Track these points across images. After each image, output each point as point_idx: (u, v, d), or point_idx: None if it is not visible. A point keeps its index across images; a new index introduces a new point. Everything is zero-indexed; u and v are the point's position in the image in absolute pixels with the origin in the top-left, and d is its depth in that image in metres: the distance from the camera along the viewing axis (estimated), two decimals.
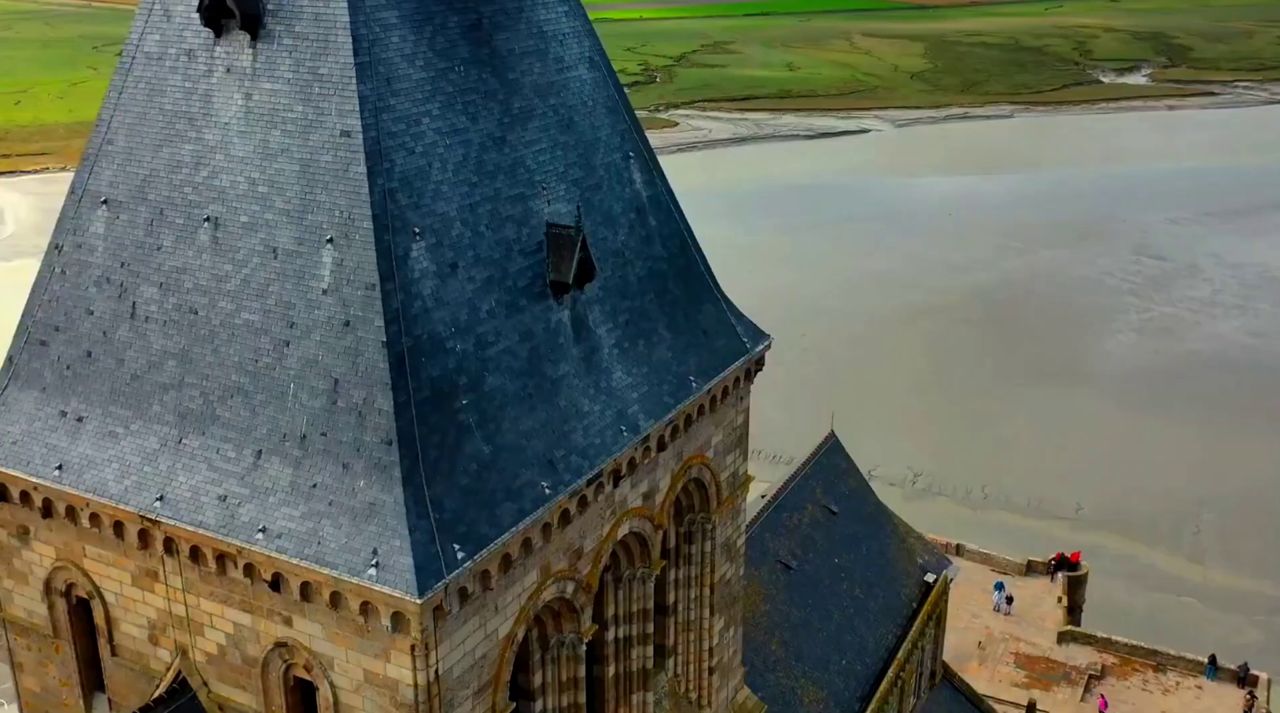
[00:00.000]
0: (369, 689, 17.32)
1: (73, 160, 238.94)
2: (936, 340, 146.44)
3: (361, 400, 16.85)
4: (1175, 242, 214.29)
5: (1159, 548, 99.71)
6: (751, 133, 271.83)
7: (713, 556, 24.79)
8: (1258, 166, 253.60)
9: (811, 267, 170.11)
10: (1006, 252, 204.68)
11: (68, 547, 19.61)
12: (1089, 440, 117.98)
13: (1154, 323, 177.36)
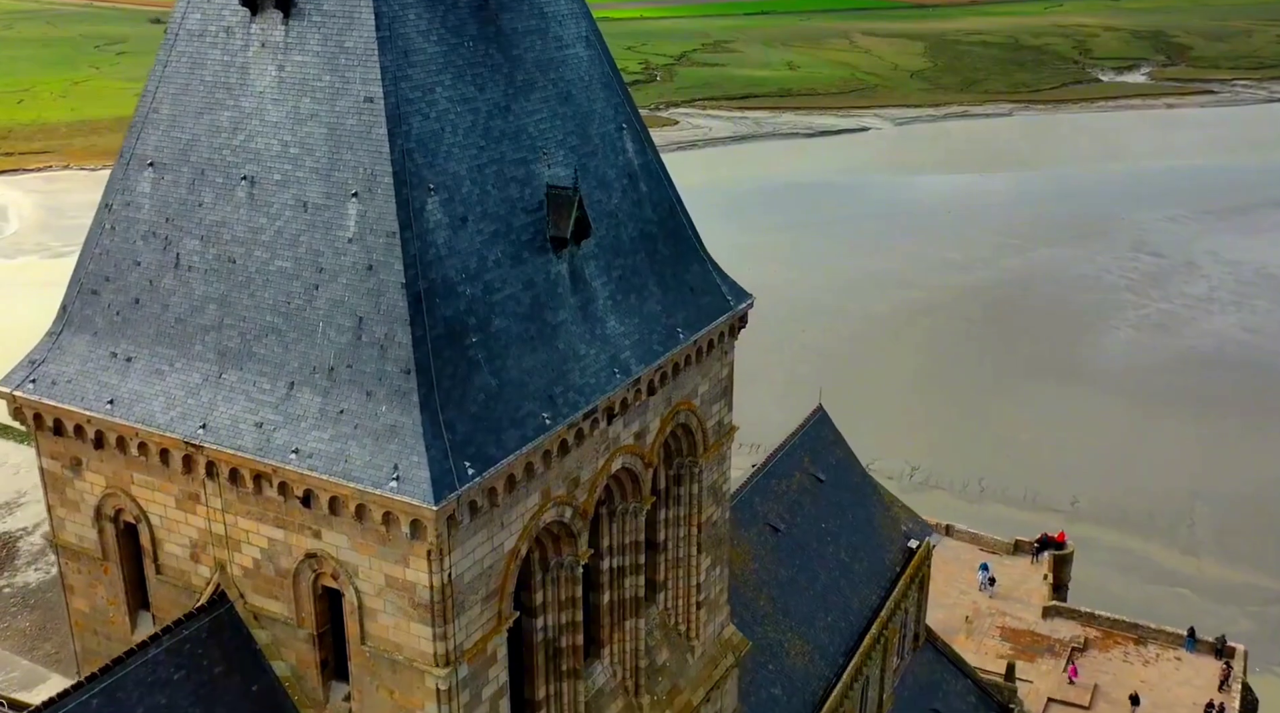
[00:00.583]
0: (390, 593, 19.67)
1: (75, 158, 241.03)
2: (934, 338, 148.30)
3: (383, 335, 19.21)
4: (1173, 239, 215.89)
5: (1154, 541, 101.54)
6: (751, 131, 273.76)
7: (700, 497, 27.14)
8: (1256, 165, 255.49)
9: (810, 264, 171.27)
10: (1005, 249, 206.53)
11: (117, 475, 21.96)
12: (1085, 435, 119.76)
13: (1151, 319, 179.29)
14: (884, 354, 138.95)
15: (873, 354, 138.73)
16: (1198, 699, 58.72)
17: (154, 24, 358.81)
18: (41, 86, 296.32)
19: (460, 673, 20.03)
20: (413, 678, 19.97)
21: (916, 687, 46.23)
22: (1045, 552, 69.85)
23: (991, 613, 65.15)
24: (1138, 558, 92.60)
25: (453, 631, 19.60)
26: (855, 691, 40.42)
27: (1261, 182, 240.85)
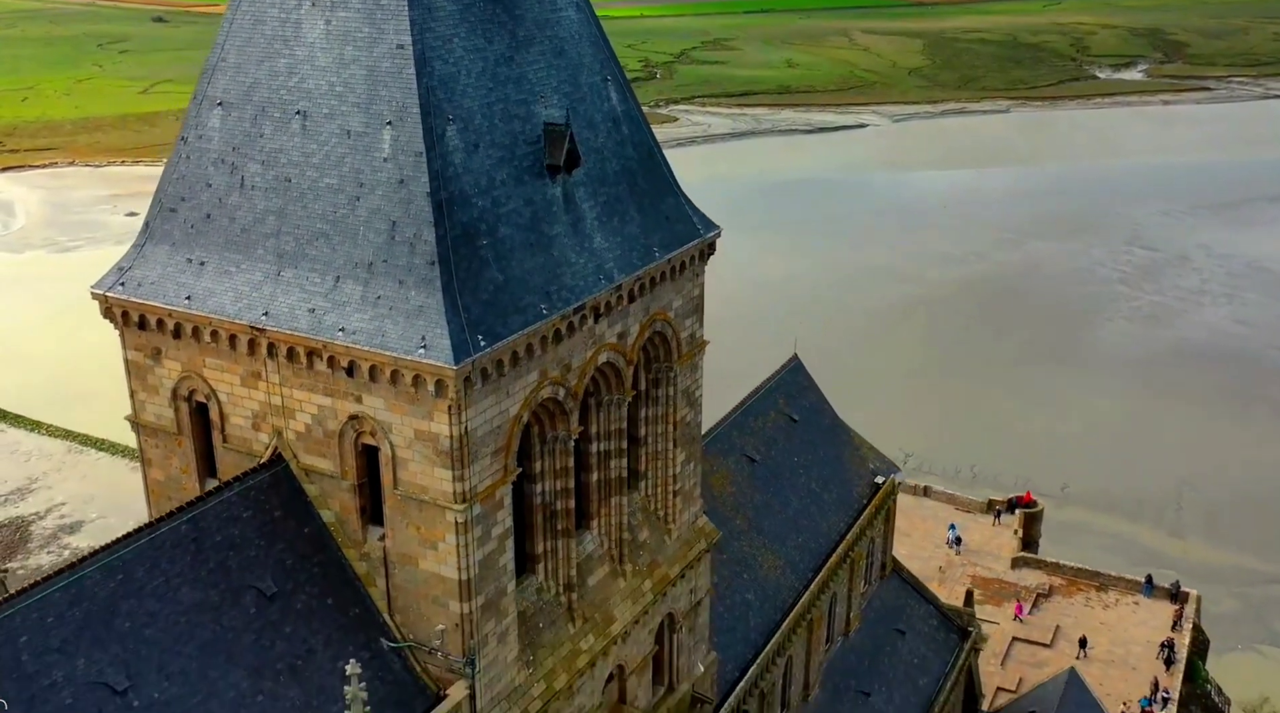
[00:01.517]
0: (417, 444, 24.81)
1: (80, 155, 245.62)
2: (930, 329, 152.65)
3: (412, 235, 24.35)
4: (1166, 233, 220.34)
5: (1141, 524, 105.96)
6: (750, 128, 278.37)
7: (675, 399, 32.28)
8: (1249, 161, 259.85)
9: (808, 259, 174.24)
10: (1000, 243, 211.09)
11: (191, 361, 27.12)
12: (1076, 424, 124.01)
13: (1143, 311, 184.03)
14: (880, 346, 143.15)
15: (869, 346, 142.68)
16: (1152, 638, 63.81)
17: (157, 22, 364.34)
18: (45, 84, 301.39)
19: (474, 511, 25.17)
20: (435, 515, 25.10)
21: (883, 610, 51.33)
22: (1015, 510, 74.88)
23: (964, 564, 70.27)
24: (1125, 541, 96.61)
25: (468, 474, 24.72)
26: (822, 602, 45.51)
27: (1255, 177, 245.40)
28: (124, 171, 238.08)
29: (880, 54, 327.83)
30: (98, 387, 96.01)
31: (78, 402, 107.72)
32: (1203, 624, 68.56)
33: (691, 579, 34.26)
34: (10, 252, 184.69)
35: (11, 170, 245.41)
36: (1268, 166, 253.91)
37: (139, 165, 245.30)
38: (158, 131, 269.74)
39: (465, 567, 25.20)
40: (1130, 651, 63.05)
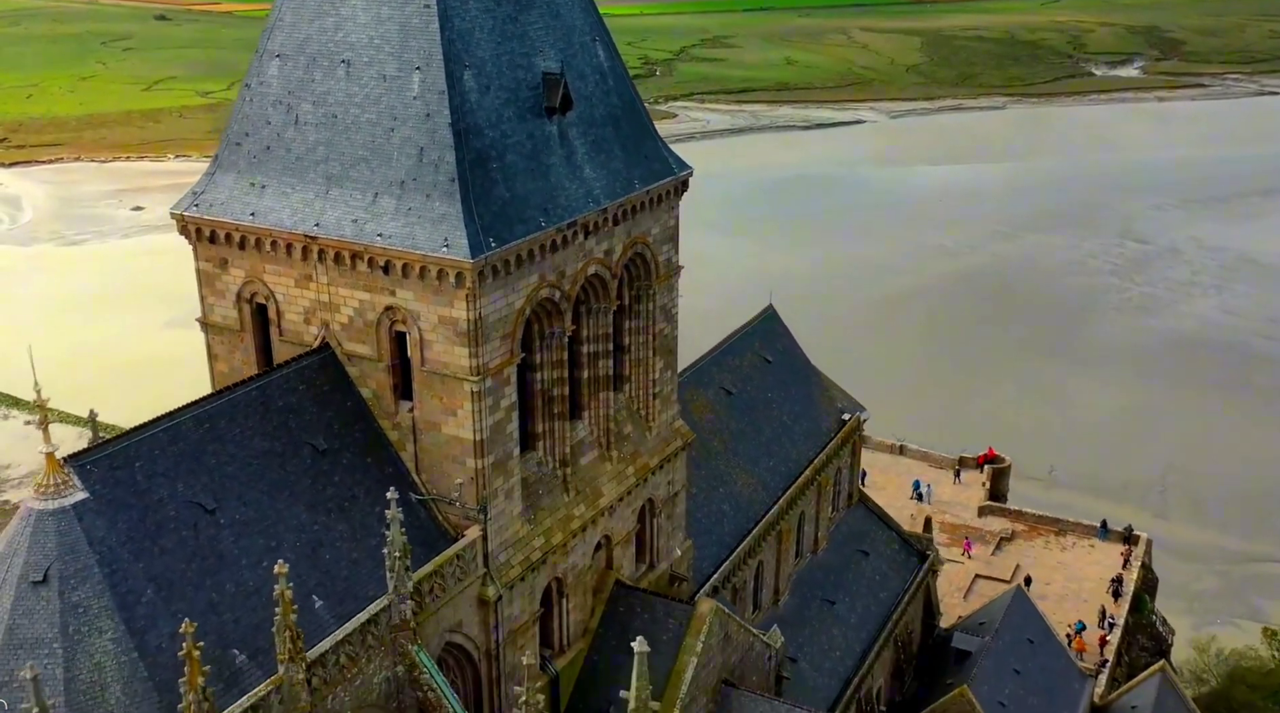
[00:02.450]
0: (441, 328, 31.26)
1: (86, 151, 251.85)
2: (923, 320, 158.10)
3: (436, 158, 30.80)
4: (1158, 227, 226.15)
5: (1126, 506, 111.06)
6: (749, 124, 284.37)
7: (654, 313, 38.73)
8: (1242, 156, 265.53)
9: (804, 253, 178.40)
10: (995, 237, 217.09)
11: (253, 268, 33.58)
12: (1065, 410, 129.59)
13: (1134, 302, 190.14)
14: (874, 335, 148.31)
15: (863, 336, 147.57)
16: (1104, 575, 70.22)
17: (159, 20, 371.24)
18: (50, 81, 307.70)
19: (486, 383, 31.62)
20: (455, 386, 31.54)
21: (849, 533, 57.70)
22: (984, 467, 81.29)
23: (934, 512, 76.59)
24: (1111, 522, 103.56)
25: (482, 352, 31.18)
26: (791, 517, 51.91)
27: (1247, 172, 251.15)
28: (129, 167, 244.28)
29: (878, 51, 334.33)
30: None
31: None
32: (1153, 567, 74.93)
33: (669, 472, 40.70)
34: (18, 244, 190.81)
35: (18, 166, 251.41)
36: (1259, 161, 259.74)
37: (144, 161, 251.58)
38: (162, 128, 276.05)
39: (479, 429, 31.66)
40: (1083, 586, 69.43)
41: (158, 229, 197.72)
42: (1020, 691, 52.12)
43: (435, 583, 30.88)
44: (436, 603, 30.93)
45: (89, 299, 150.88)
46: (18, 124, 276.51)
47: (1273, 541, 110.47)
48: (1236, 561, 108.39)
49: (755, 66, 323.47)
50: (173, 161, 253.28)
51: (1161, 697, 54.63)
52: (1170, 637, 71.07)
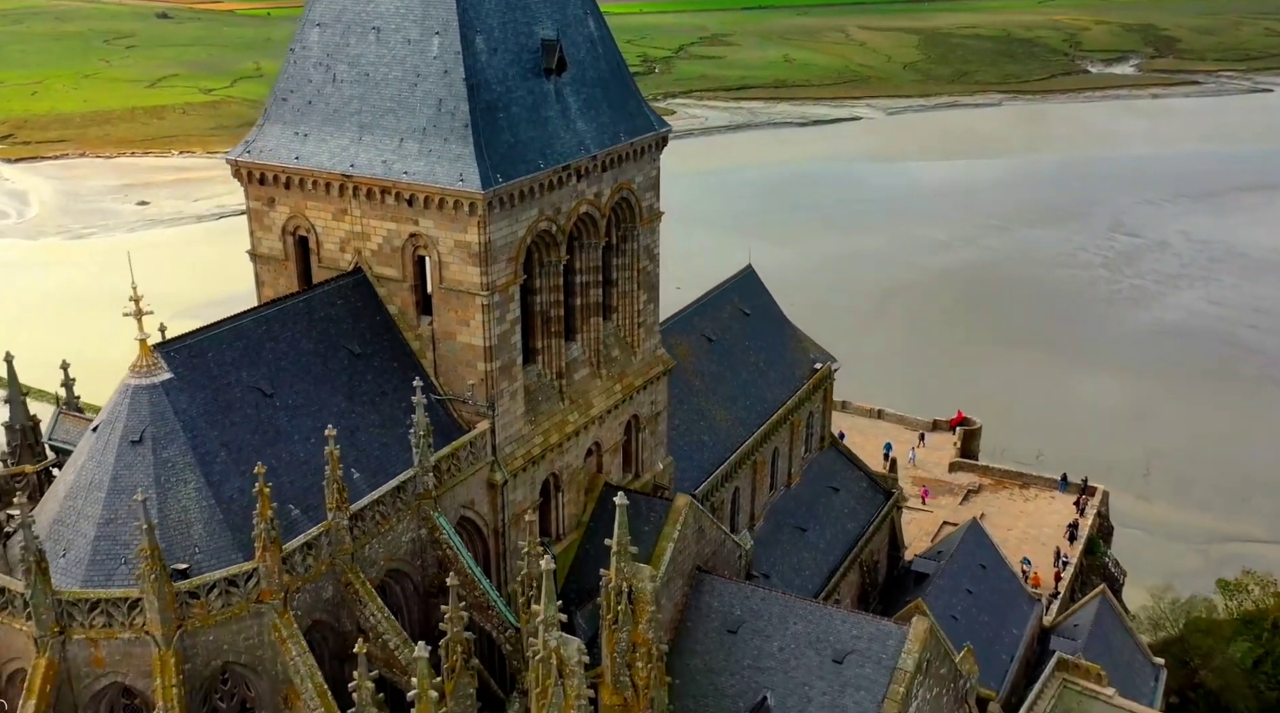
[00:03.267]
0: (456, 251, 37.94)
1: (90, 147, 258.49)
2: (915, 311, 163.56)
3: (453, 108, 37.50)
4: (1149, 221, 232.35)
5: (1111, 488, 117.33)
6: (747, 120, 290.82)
7: (638, 252, 45.43)
8: (1233, 152, 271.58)
9: (800, 246, 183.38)
10: (987, 230, 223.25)
11: (296, 205, 40.29)
12: (1053, 396, 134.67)
13: (1122, 293, 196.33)
14: (866, 326, 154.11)
15: (856, 326, 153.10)
16: (1062, 522, 76.86)
17: (161, 19, 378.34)
18: (54, 79, 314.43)
19: (494, 298, 38.30)
20: (468, 301, 38.23)
21: (820, 471, 64.36)
22: (957, 429, 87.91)
23: (910, 469, 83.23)
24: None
25: (490, 271, 37.86)
26: (765, 450, 58.59)
27: (1238, 167, 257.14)
28: (134, 162, 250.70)
29: (876, 49, 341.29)
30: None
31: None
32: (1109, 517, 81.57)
33: (652, 393, 47.39)
34: (25, 238, 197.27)
35: (24, 161, 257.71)
36: (1251, 157, 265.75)
37: (148, 157, 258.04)
38: (165, 124, 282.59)
39: (488, 337, 38.37)
40: (1042, 531, 76.06)
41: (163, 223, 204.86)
42: (972, 608, 58.68)
43: (451, 464, 37.56)
44: (452, 480, 37.62)
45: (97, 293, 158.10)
46: (23, 121, 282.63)
47: (1251, 520, 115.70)
48: (1216, 540, 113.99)
49: (754, 64, 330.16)
50: (177, 157, 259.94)
51: (1100, 615, 61.26)
52: (1122, 578, 77.69)
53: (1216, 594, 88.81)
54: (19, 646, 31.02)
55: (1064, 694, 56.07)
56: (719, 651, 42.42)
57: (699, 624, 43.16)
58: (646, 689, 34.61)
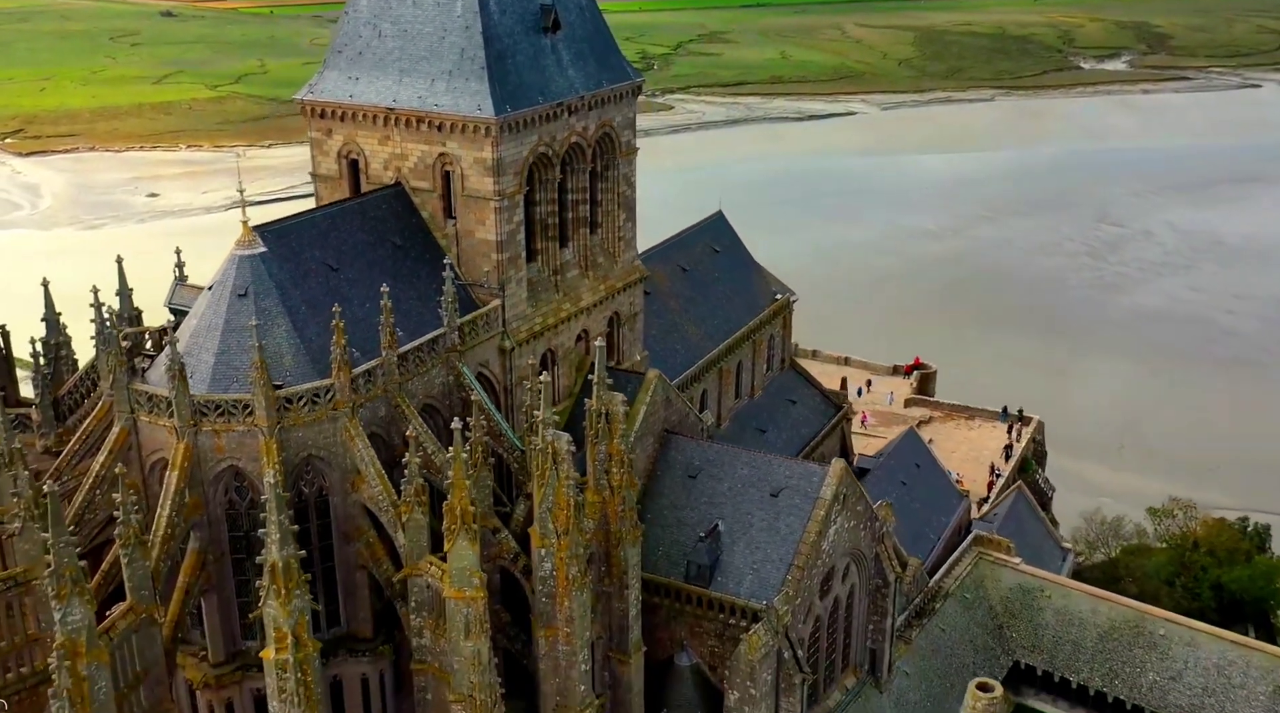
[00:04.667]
0: (475, 166, 50.85)
1: (100, 141, 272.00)
2: (904, 296, 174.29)
3: (473, 56, 50.50)
4: (1134, 211, 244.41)
5: (1086, 461, 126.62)
6: (743, 115, 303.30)
7: (618, 179, 58.32)
8: (1219, 145, 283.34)
9: (793, 237, 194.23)
10: (976, 220, 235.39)
11: (349, 134, 53.27)
12: (1034, 375, 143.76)
13: (1105, 280, 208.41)
14: (856, 312, 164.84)
15: (846, 312, 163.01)
16: (999, 446, 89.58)
17: (165, 17, 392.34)
18: (62, 75, 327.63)
19: (504, 203, 51.19)
20: (484, 205, 51.12)
21: (780, 387, 77.16)
22: (913, 373, 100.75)
23: (869, 403, 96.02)
24: (1069, 474, 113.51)
25: (501, 181, 50.76)
26: (730, 361, 71.36)
27: (1223, 160, 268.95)
28: (143, 156, 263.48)
29: (872, 46, 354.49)
30: None
31: None
32: (1046, 445, 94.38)
33: (630, 296, 60.25)
34: (38, 228, 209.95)
35: (36, 155, 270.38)
36: (1235, 150, 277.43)
37: (157, 150, 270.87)
38: (173, 119, 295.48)
39: (499, 233, 51.22)
40: (981, 453, 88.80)
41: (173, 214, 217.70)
42: (905, 497, 71.27)
43: (471, 329, 50.42)
44: (472, 341, 50.45)
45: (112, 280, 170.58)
46: (32, 116, 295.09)
47: (1217, 489, 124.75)
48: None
49: (751, 61, 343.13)
50: (184, 151, 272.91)
51: (1016, 505, 74.06)
52: (1051, 493, 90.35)
53: (1146, 520, 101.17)
54: (161, 439, 43.85)
55: (979, 563, 68.82)
56: (681, 492, 55.26)
57: (666, 473, 55.99)
58: (620, 489, 47.35)
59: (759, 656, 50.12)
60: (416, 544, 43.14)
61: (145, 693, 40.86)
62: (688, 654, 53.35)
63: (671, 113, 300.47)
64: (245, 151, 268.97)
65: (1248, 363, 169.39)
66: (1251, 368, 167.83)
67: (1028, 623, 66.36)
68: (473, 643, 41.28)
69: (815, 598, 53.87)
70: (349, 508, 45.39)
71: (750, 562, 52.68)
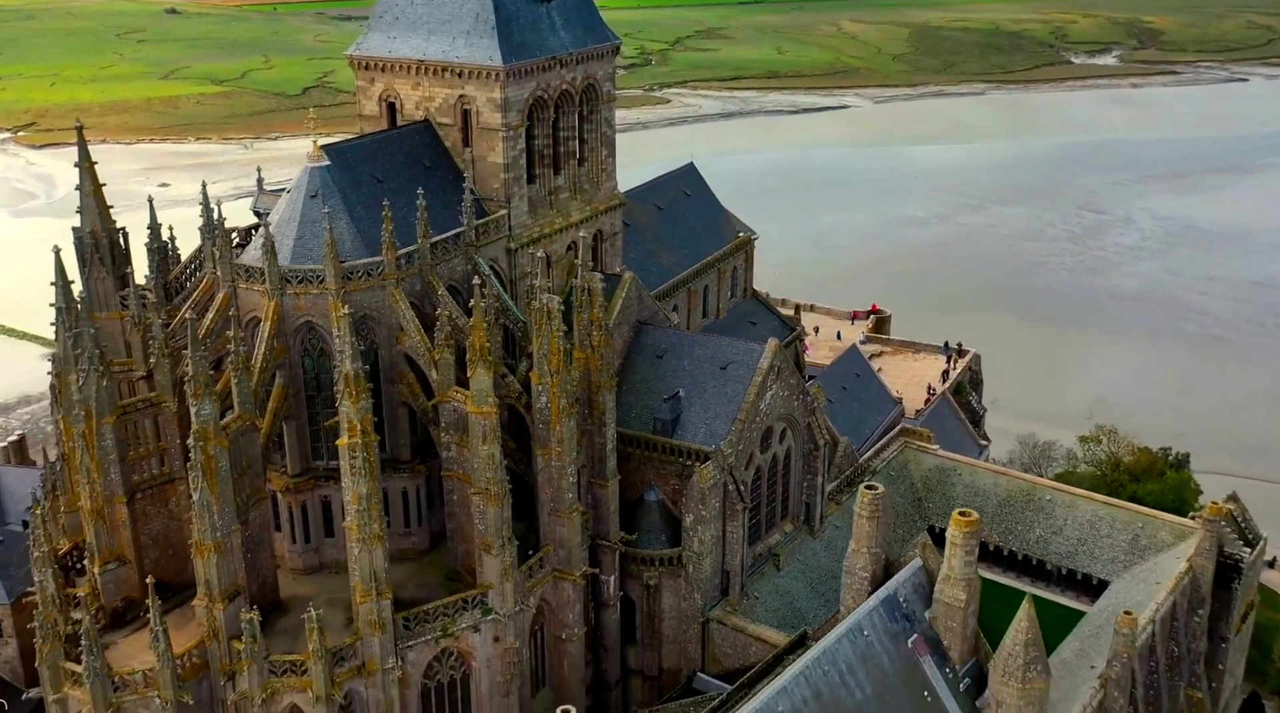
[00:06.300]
0: (487, 104, 68.13)
1: (111, 134, 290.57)
2: (889, 280, 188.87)
3: (486, 19, 67.83)
4: (1115, 199, 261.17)
5: (1061, 430, 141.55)
6: (739, 108, 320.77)
7: (600, 121, 75.57)
8: (1202, 137, 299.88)
9: (784, 225, 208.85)
10: (963, 208, 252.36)
11: (388, 82, 70.67)
12: (1010, 352, 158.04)
13: (1085, 264, 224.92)
14: (845, 294, 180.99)
15: (835, 293, 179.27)
16: (939, 374, 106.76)
17: (170, 14, 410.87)
18: (70, 71, 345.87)
19: (509, 133, 68.44)
20: (494, 135, 68.37)
21: (742, 312, 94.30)
22: (870, 317, 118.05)
23: (828, 341, 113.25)
24: (1042, 441, 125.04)
25: (509, 116, 67.97)
26: (697, 285, 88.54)
27: (1205, 151, 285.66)
28: (153, 148, 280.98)
29: (867, 42, 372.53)
30: None
31: None
32: (982, 375, 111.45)
33: (611, 217, 77.41)
34: (55, 217, 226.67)
35: (48, 147, 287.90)
36: (1218, 141, 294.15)
37: (166, 143, 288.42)
38: (180, 113, 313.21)
39: (506, 156, 68.41)
40: (923, 379, 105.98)
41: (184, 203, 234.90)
42: (845, 398, 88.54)
43: (483, 230, 67.54)
44: (485, 240, 67.59)
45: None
46: (43, 110, 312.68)
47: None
48: None
49: (747, 57, 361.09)
50: (193, 143, 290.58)
51: (940, 408, 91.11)
52: (983, 412, 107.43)
53: (1076, 445, 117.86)
54: (255, 301, 61.00)
55: (904, 450, 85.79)
56: (651, 368, 72.36)
57: (639, 354, 73.12)
58: (599, 347, 64.44)
59: (708, 485, 67.11)
60: (446, 378, 60.22)
61: (248, 481, 57.90)
62: (654, 492, 70.27)
63: (668, 106, 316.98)
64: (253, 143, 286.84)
65: (1218, 340, 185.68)
66: (1221, 345, 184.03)
67: (941, 495, 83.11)
68: (488, 448, 58.23)
69: (756, 450, 70.88)
70: (394, 357, 62.53)
71: (704, 418, 69.61)
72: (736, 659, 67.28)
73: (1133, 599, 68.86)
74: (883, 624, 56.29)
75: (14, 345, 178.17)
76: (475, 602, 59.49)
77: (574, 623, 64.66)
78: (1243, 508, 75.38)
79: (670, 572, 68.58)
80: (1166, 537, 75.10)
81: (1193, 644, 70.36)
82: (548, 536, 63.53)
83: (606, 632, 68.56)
